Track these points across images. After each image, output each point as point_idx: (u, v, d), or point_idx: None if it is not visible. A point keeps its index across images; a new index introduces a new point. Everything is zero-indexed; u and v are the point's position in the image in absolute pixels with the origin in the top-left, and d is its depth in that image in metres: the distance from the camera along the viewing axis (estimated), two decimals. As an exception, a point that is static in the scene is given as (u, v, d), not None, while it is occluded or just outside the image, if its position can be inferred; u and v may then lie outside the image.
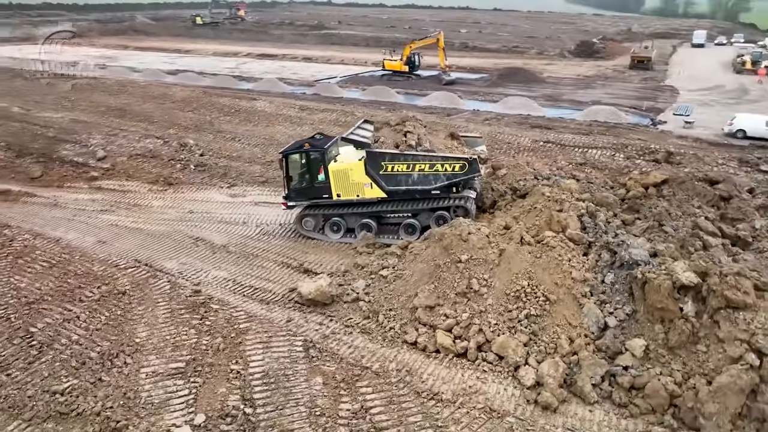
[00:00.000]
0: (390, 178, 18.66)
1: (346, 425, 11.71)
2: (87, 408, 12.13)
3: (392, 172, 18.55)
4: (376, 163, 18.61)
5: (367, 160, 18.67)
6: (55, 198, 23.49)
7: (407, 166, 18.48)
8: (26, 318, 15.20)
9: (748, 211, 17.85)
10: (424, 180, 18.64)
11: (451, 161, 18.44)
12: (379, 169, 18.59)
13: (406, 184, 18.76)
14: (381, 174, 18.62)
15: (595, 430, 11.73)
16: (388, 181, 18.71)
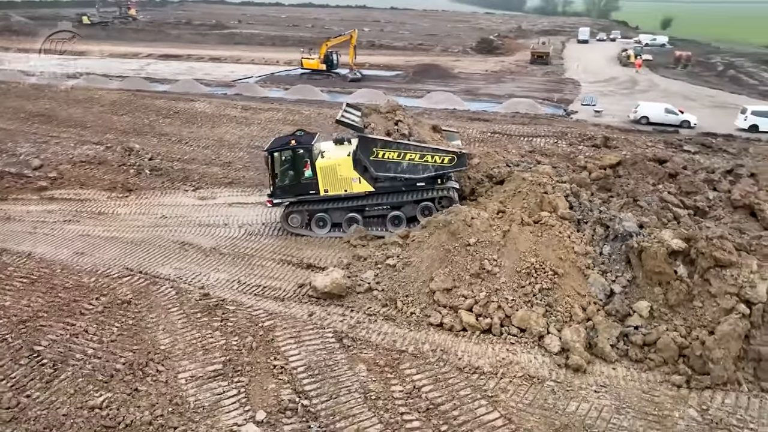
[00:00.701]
0: (380, 164, 19.09)
1: (404, 405, 12.19)
2: (135, 418, 11.71)
3: (382, 158, 19.01)
4: (367, 148, 18.97)
5: (360, 144, 18.98)
6: (4, 212, 21.67)
7: (398, 155, 19.02)
8: (25, 337, 14.22)
9: (698, 184, 20.21)
10: (412, 169, 19.28)
11: (442, 154, 19.25)
12: (369, 155, 18.98)
13: (394, 172, 19.27)
14: (371, 159, 18.99)
15: (623, 385, 13.03)
16: (377, 167, 19.10)
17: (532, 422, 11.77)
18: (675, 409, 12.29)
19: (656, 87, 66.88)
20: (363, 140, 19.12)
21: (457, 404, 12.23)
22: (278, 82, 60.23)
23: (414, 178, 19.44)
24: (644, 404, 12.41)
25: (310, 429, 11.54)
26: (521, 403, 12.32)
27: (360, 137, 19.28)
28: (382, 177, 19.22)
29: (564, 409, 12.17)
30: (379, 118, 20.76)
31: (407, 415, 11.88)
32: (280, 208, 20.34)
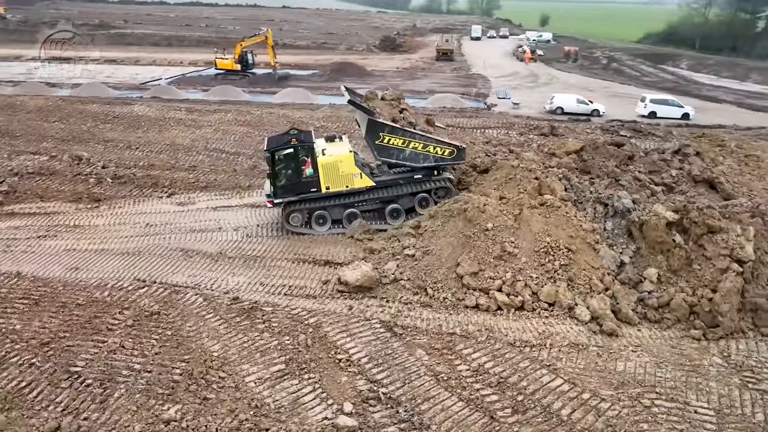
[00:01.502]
0: (383, 149, 19.51)
1: (476, 381, 12.85)
2: (219, 426, 11.43)
3: (387, 144, 19.47)
4: (375, 132, 19.29)
5: (368, 127, 19.22)
6: (-39, 231, 19.64)
7: (403, 142, 19.55)
8: (55, 359, 13.25)
9: (659, 164, 22.55)
10: (414, 158, 19.87)
11: (443, 146, 20.00)
12: (375, 138, 19.31)
13: (396, 158, 19.78)
14: (376, 143, 19.34)
15: (652, 343, 14.55)
16: (380, 152, 19.51)
17: (594, 383, 12.88)
18: (702, 358, 13.94)
19: (556, 80, 71.92)
20: (372, 123, 19.41)
21: (522, 375, 13.08)
22: (193, 84, 58.29)
23: (414, 167, 20.00)
24: (676, 357, 13.96)
25: (398, 414, 11.88)
26: (577, 368, 13.41)
27: (369, 120, 19.53)
28: (382, 162, 19.64)
29: (614, 369, 13.40)
30: (384, 105, 21.18)
31: (483, 391, 12.56)
32: (277, 208, 20.15)
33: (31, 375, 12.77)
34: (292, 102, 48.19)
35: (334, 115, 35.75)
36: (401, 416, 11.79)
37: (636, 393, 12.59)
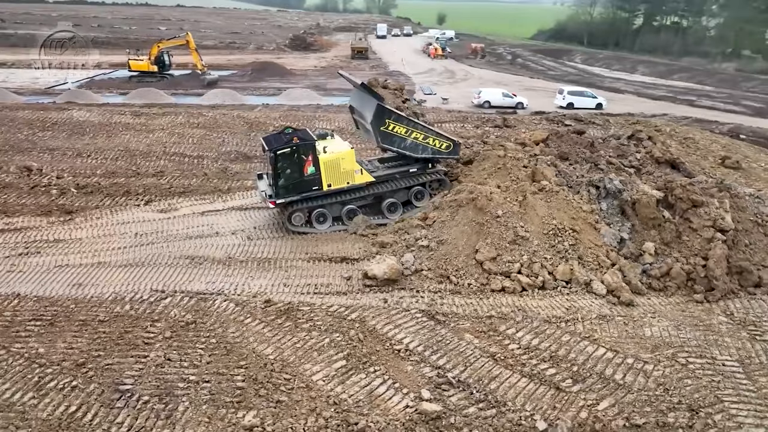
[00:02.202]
0: (387, 135, 19.77)
1: (531, 358, 13.56)
2: (306, 426, 11.32)
3: (391, 131, 19.74)
4: (382, 118, 19.49)
5: (376, 112, 19.39)
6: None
7: (406, 131, 19.89)
8: (97, 379, 12.45)
9: (624, 148, 24.47)
10: (413, 148, 20.27)
11: (442, 139, 20.54)
12: (381, 125, 19.53)
13: (397, 146, 20.09)
14: (381, 129, 19.56)
15: (664, 309, 16.01)
16: (383, 138, 19.76)
17: (632, 349, 14.02)
18: (710, 318, 15.55)
19: (472, 75, 74.93)
20: (380, 109, 19.58)
21: (568, 348, 13.96)
22: (108, 87, 55.18)
23: (413, 157, 20.39)
24: (689, 319, 15.48)
25: (472, 395, 12.33)
26: (611, 337, 14.51)
27: (378, 105, 19.68)
28: (383, 148, 19.81)
29: (644, 335, 14.65)
30: (388, 93, 21.33)
31: (540, 365, 13.30)
32: (268, 209, 19.83)
33: (78, 398, 11.92)
34: (222, 103, 46.91)
35: (291, 114, 35.27)
36: (476, 397, 12.26)
37: (670, 353, 13.87)
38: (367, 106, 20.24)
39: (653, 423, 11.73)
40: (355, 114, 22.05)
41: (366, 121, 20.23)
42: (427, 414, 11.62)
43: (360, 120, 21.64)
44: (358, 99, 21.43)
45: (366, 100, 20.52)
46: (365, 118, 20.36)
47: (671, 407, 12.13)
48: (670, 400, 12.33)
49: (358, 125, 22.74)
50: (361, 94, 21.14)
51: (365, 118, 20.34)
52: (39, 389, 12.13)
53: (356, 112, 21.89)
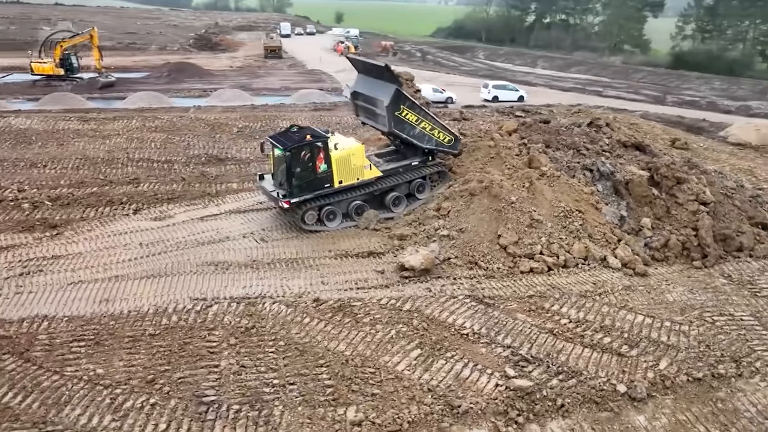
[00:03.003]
0: (399, 121, 19.94)
1: (585, 330, 14.52)
2: (411, 414, 11.50)
3: (403, 117, 19.96)
4: (398, 103, 19.65)
5: (394, 96, 19.53)
6: None
7: (417, 119, 20.17)
8: (176, 394, 11.89)
9: (593, 135, 26.25)
10: (420, 137, 20.57)
11: (446, 132, 21.03)
12: (396, 110, 19.69)
13: (407, 133, 20.33)
14: (395, 114, 19.73)
15: (672, 277, 17.66)
16: (396, 123, 19.90)
17: (664, 313, 15.42)
18: (713, 281, 17.40)
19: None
20: (398, 94, 19.73)
21: (612, 318, 15.10)
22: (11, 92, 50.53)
23: (418, 146, 20.75)
24: (697, 284, 17.21)
25: (549, 368, 13.06)
26: (642, 304, 15.84)
27: (396, 90, 19.78)
28: (393, 134, 20.06)
29: (667, 300, 16.14)
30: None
31: (595, 336, 14.30)
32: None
33: (163, 416, 11.32)
34: (149, 106, 44.53)
35: (251, 115, 34.25)
36: (553, 370, 13.00)
37: (696, 314, 15.42)
38: (381, 90, 20.17)
39: (709, 375, 13.08)
40: (360, 99, 21.81)
41: (378, 105, 20.22)
42: (522, 389, 12.20)
43: (367, 105, 21.43)
44: (368, 84, 21.22)
45: (379, 85, 20.40)
46: (377, 103, 20.35)
47: (718, 360, 13.56)
48: (713, 354, 13.76)
49: (358, 112, 22.49)
50: (371, 79, 21.06)
51: (377, 102, 20.32)
52: (116, 411, 11.37)
53: (362, 97, 21.62)
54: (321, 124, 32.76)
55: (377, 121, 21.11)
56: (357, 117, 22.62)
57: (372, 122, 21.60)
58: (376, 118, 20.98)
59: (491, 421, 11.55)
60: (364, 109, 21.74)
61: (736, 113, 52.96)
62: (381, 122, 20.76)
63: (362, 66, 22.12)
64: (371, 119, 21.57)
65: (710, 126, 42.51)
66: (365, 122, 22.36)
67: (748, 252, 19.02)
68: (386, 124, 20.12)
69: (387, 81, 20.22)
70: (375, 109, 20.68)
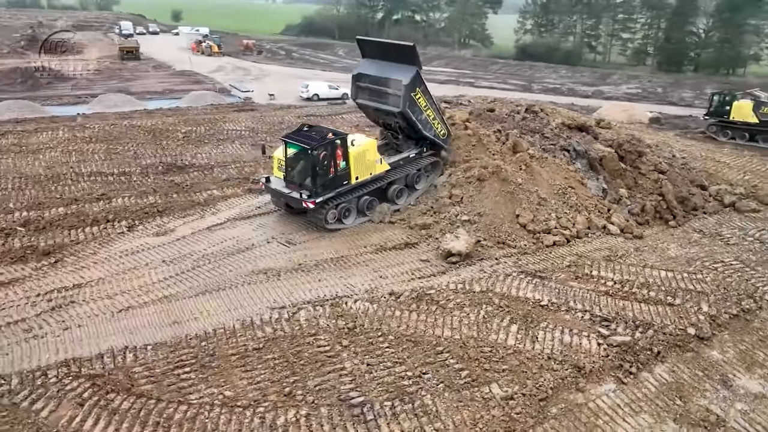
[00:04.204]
0: (412, 103, 20.23)
1: (630, 288, 16.42)
2: (550, 381, 12.44)
3: (416, 99, 20.30)
4: (414, 85, 20.01)
5: (413, 78, 19.94)
6: None
7: (425, 105, 20.59)
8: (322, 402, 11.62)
9: (542, 120, 28.67)
10: (424, 124, 20.97)
11: (443, 126, 21.73)
12: (412, 91, 20.00)
13: (415, 117, 20.61)
14: (411, 95, 20.03)
15: (660, 236, 20.42)
16: (409, 104, 20.14)
17: (677, 267, 17.91)
18: (691, 237, 20.44)
19: (265, 71, 74.81)
20: (417, 76, 20.06)
21: (644, 277, 17.21)
22: None
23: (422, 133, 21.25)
24: (681, 240, 20.12)
25: (627, 324, 14.71)
26: (657, 261, 18.23)
27: (417, 72, 20.07)
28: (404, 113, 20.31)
29: (671, 256, 18.73)
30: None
31: (640, 292, 16.26)
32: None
33: (324, 425, 11.07)
34: (22, 116, 39.68)
35: (190, 119, 31.85)
36: (631, 325, 14.68)
37: (700, 264, 18.15)
38: (398, 71, 20.17)
39: (740, 311, 15.62)
40: (365, 81, 21.43)
41: (391, 85, 20.22)
42: (624, 344, 13.68)
43: (374, 86, 21.15)
44: (378, 66, 21.02)
45: (395, 66, 20.37)
46: (390, 83, 20.32)
47: (740, 298, 16.22)
48: (733, 294, 16.42)
49: (358, 94, 21.95)
50: (383, 62, 20.96)
51: (390, 82, 20.29)
52: (273, 429, 10.84)
53: (368, 79, 21.31)
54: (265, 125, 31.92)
55: (387, 102, 20.88)
56: (355, 99, 22.22)
57: (377, 103, 21.18)
58: (386, 98, 20.82)
59: (612, 375, 12.86)
60: (369, 90, 21.25)
61: (593, 97, 60.16)
62: (392, 102, 20.61)
63: (376, 48, 21.92)
64: (377, 100, 21.26)
65: (581, 109, 47.98)
66: (364, 104, 21.82)
67: (702, 210, 22.49)
68: (399, 104, 20.12)
69: (406, 62, 20.36)
70: (386, 89, 20.61)
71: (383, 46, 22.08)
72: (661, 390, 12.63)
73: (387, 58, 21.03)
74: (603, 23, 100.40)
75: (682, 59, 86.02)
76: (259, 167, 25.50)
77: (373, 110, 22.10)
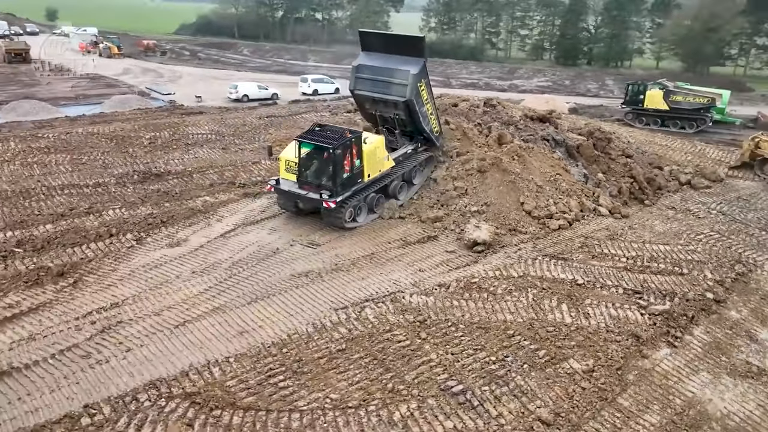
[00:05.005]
0: (417, 93, 20.58)
1: (642, 263, 17.95)
2: (616, 351, 13.47)
3: (420, 91, 20.66)
4: (420, 77, 20.47)
5: (421, 69, 20.53)
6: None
7: (426, 98, 20.97)
8: (427, 394, 11.90)
9: (509, 113, 29.97)
10: (424, 117, 21.31)
11: (437, 123, 22.17)
12: (418, 81, 20.41)
13: (417, 107, 20.92)
14: (416, 85, 20.40)
15: (640, 215, 22.34)
16: (413, 94, 20.50)
17: (671, 240, 19.77)
18: (665, 213, 22.57)
19: (177, 72, 71.63)
20: (424, 67, 20.51)
21: (648, 251, 18.85)
22: None
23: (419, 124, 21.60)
24: (660, 217, 22.16)
25: (655, 294, 16.14)
26: (651, 237, 20.00)
27: (425, 63, 20.50)
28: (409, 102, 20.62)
29: (659, 231, 20.61)
30: None
31: (653, 265, 17.84)
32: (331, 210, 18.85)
33: (437, 414, 11.34)
34: None
35: (150, 125, 29.77)
36: (659, 295, 16.12)
37: (686, 237, 20.18)
38: (405, 62, 20.42)
39: (738, 272, 17.64)
40: (367, 72, 21.37)
41: (397, 75, 20.45)
42: (666, 312, 15.04)
43: (377, 77, 21.18)
44: (381, 58, 21.07)
45: (401, 57, 20.55)
46: (395, 73, 20.53)
47: (732, 263, 18.28)
48: (725, 261, 18.46)
49: (357, 85, 21.85)
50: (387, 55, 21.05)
51: (396, 72, 20.51)
52: (393, 424, 10.97)
53: (370, 70, 21.30)
54: (229, 127, 30.87)
55: (390, 92, 21.01)
56: (353, 90, 22.02)
57: (379, 94, 21.30)
58: (390, 88, 20.93)
59: (664, 341, 14.14)
60: (372, 81, 21.28)
61: (510, 90, 63.38)
62: (397, 92, 20.74)
63: (380, 40, 21.98)
64: (379, 91, 21.35)
65: (506, 101, 50.68)
66: (364, 95, 21.67)
67: (665, 189, 24.83)
68: (406, 93, 20.34)
69: (413, 53, 20.61)
70: (391, 79, 20.72)
71: (389, 38, 22.37)
72: (705, 350, 14.08)
73: (392, 50, 21.22)
74: (503, 20, 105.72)
75: (577, 53, 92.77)
76: (240, 171, 24.78)
77: (372, 102, 22.08)
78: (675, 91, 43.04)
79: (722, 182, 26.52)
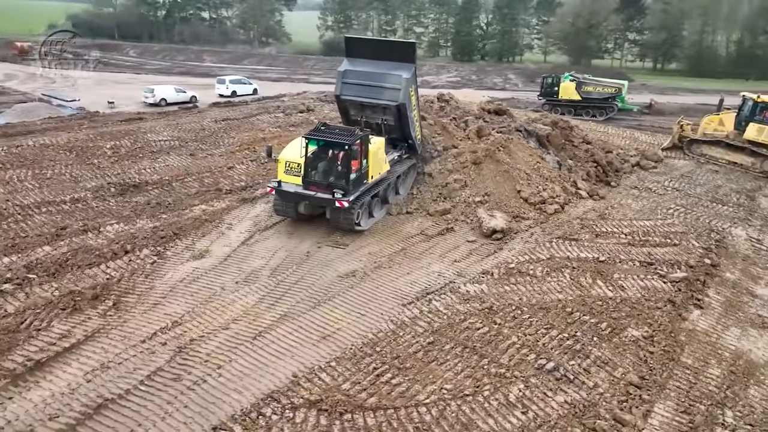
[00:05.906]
0: (408, 98, 20.56)
1: (641, 237, 19.77)
2: (660, 315, 14.92)
3: (410, 95, 20.73)
4: (411, 82, 20.59)
5: (413, 74, 20.56)
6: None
7: (414, 104, 21.12)
8: (527, 374, 12.59)
9: (465, 107, 31.03)
10: (411, 122, 21.34)
11: (419, 130, 22.39)
12: (409, 87, 20.49)
13: (407, 111, 20.86)
14: (407, 89, 20.42)
15: (612, 195, 24.42)
16: (406, 98, 20.48)
17: (650, 217, 21.90)
18: (631, 191, 24.86)
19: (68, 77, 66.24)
20: (415, 73, 20.63)
21: (637, 227, 20.74)
22: None
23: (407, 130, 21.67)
24: (628, 197, 24.36)
25: (675, 264, 17.92)
26: (634, 214, 22.02)
27: (415, 69, 20.61)
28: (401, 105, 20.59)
29: (637, 209, 22.72)
30: None
31: (649, 239, 19.72)
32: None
33: (543, 391, 12.05)
34: None
35: (106, 133, 27.20)
36: (668, 264, 17.92)
37: (662, 211, 22.48)
38: (396, 67, 20.35)
39: (715, 240, 20.02)
40: (354, 77, 21.00)
41: (388, 80, 20.37)
42: (685, 279, 16.79)
43: (366, 82, 20.87)
44: (370, 63, 20.82)
45: (391, 63, 20.43)
46: (386, 78, 20.41)
47: (707, 232, 20.70)
48: (701, 230, 20.84)
49: (343, 90, 21.39)
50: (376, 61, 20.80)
51: (387, 77, 20.40)
52: (513, 404, 11.52)
53: (361, 75, 20.93)
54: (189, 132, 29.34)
55: (381, 97, 20.86)
56: (339, 95, 21.59)
57: (370, 99, 21.06)
58: (381, 93, 20.78)
59: (691, 304, 15.85)
60: (360, 86, 20.99)
61: (423, 86, 64.19)
62: (389, 97, 20.61)
63: (368, 46, 21.85)
64: (368, 96, 21.09)
65: (422, 97, 52.37)
66: (351, 100, 21.39)
67: (622, 171, 27.29)
68: (398, 97, 20.32)
69: (403, 59, 20.58)
70: (381, 84, 20.55)
71: (378, 44, 22.37)
72: (724, 308, 15.97)
73: (380, 56, 21.17)
74: (399, 18, 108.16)
75: (472, 50, 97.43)
76: (218, 177, 23.83)
77: (359, 107, 22.02)
78: (586, 82, 46.93)
79: (663, 162, 29.58)
